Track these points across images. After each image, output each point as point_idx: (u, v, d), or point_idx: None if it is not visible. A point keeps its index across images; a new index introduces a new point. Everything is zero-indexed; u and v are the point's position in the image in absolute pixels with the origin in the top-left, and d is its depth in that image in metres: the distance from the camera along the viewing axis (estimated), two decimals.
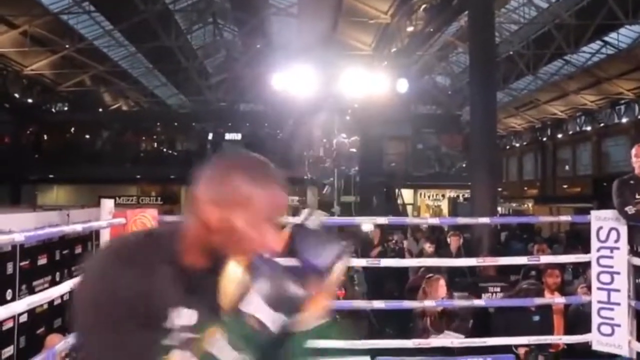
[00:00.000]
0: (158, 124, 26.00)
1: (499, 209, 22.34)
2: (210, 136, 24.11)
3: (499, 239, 12.95)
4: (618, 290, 4.43)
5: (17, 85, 21.67)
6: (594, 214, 4.63)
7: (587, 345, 4.61)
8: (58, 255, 6.04)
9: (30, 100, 22.90)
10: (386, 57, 18.22)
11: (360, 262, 5.88)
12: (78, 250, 6.47)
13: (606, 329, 4.48)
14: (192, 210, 1.27)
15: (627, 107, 24.76)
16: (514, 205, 28.37)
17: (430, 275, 5.42)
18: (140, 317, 1.17)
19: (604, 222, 4.52)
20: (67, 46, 20.04)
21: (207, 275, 1.29)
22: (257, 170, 1.30)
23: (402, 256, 8.69)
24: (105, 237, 4.28)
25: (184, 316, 1.23)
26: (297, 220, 1.33)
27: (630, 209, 4.28)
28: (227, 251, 1.28)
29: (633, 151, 4.54)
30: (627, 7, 15.85)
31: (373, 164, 18.01)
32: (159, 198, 24.53)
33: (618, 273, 4.42)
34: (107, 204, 4.26)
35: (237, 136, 24.25)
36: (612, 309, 4.45)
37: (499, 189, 23.33)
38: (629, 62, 20.36)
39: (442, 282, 5.22)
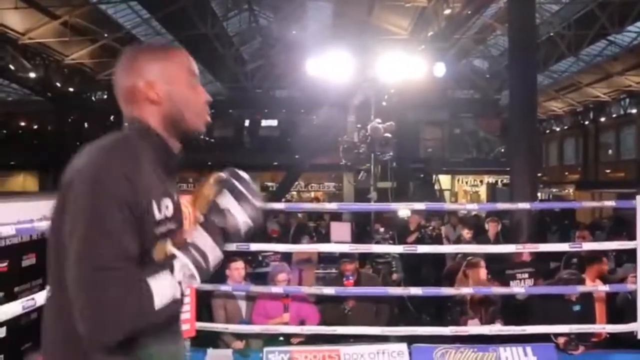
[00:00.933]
0: None
1: (539, 194, 22.00)
2: (246, 123, 24.25)
3: (541, 225, 12.73)
4: None
5: (59, 74, 22.11)
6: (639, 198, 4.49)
7: (632, 335, 4.49)
8: None
9: (71, 89, 23.36)
10: (423, 41, 17.98)
11: (397, 249, 5.85)
12: None
13: None
14: (134, 102, 1.56)
15: None
16: (554, 190, 27.83)
17: (471, 257, 5.36)
18: (132, 208, 1.37)
19: None
20: (105, 35, 20.36)
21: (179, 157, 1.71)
22: (157, 47, 1.71)
23: (440, 243, 8.61)
24: None
25: (165, 207, 1.54)
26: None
27: None
28: (184, 121, 1.64)
29: None
30: None
31: (410, 150, 17.90)
32: (197, 185, 24.89)
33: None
34: None
35: (274, 122, 24.36)
36: None
37: (539, 175, 22.95)
38: None
39: (482, 264, 5.16)
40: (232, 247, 5.10)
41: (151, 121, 1.58)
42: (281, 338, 4.78)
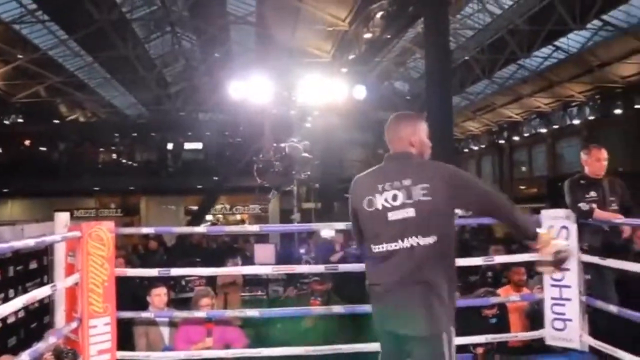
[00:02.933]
0: (116, 134, 25.61)
1: (458, 211, 22.67)
2: (170, 146, 23.85)
3: (462, 242, 13.14)
4: (569, 287, 4.57)
5: None
6: (545, 213, 4.76)
7: (542, 341, 4.74)
8: (12, 271, 5.88)
9: None
10: (345, 64, 18.38)
11: (318, 268, 5.92)
12: (33, 265, 6.31)
13: (559, 324, 4.61)
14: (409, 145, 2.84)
15: (578, 109, 25.50)
16: None
17: None
18: None
19: (554, 220, 4.65)
20: (20, 56, 19.59)
21: None
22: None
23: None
24: (59, 251, 4.22)
25: None
26: None
27: (584, 206, 4.42)
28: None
29: (583, 155, 4.70)
30: (575, 13, 16.39)
31: (334, 171, 18.10)
32: (119, 210, 24.15)
33: (568, 270, 4.56)
34: (62, 217, 4.19)
35: (198, 145, 24.07)
36: (563, 305, 4.59)
37: None
38: (578, 66, 21.06)
39: None
40: (154, 272, 5.02)
41: None
42: None
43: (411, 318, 2.64)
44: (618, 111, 22.62)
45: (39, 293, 3.87)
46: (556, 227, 4.63)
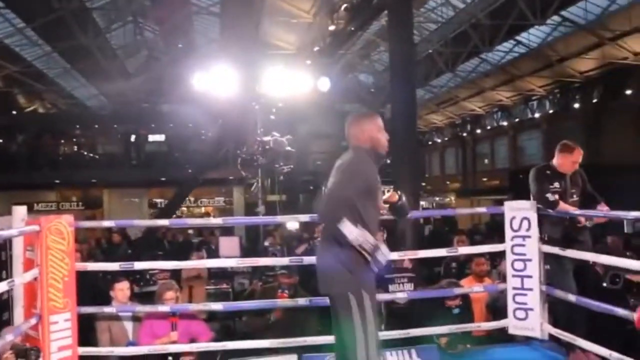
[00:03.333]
0: (77, 126, 25.06)
1: (423, 203, 22.95)
2: (132, 138, 23.47)
3: (423, 233, 13.30)
4: (530, 277, 4.67)
5: None
6: (507, 204, 4.85)
7: (504, 331, 4.84)
8: None
9: None
10: (309, 56, 18.34)
11: (283, 261, 5.92)
12: None
13: (521, 314, 4.72)
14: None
15: (539, 103, 26.03)
16: (437, 199, 29.20)
17: None
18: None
19: (516, 212, 4.74)
20: None
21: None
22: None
23: None
24: (17, 246, 4.11)
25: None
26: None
27: (550, 196, 4.49)
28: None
29: (562, 152, 4.64)
30: (536, 8, 16.68)
31: (299, 163, 18.05)
32: (81, 203, 23.69)
33: (530, 260, 4.66)
34: (19, 211, 4.09)
35: (161, 137, 23.75)
36: (525, 295, 4.69)
37: (423, 184, 23.95)
38: (539, 60, 21.46)
39: None
40: (115, 266, 4.94)
41: None
42: (170, 358, 4.67)
43: (322, 279, 3.24)
44: (576, 105, 23.14)
45: None
46: (518, 219, 4.73)
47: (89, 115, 26.99)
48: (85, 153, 23.92)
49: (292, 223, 8.61)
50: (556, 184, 4.55)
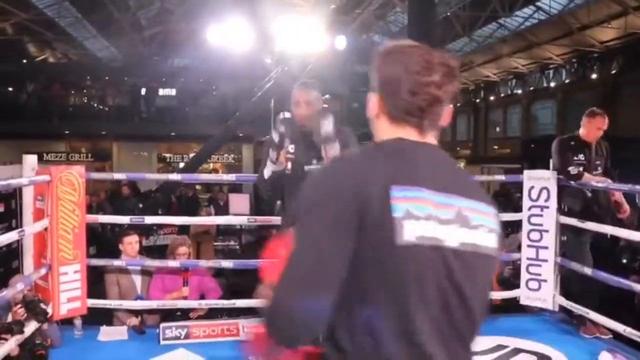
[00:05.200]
0: (88, 77, 24.88)
1: None
2: (143, 91, 23.29)
3: None
4: (546, 248, 4.61)
5: None
6: (527, 173, 4.75)
7: (516, 301, 4.80)
8: None
9: None
10: (325, 14, 17.97)
11: None
12: (0, 209, 6.16)
13: (534, 284, 4.67)
14: None
15: (555, 72, 25.55)
16: None
17: None
18: None
19: (535, 181, 4.65)
20: None
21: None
22: None
23: None
24: (27, 195, 4.07)
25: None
26: None
27: (573, 169, 4.38)
28: None
29: (585, 119, 4.49)
30: None
31: None
32: (90, 155, 23.70)
33: (547, 231, 4.59)
34: (29, 160, 4.03)
35: (171, 91, 23.56)
36: (539, 265, 4.64)
37: None
38: (558, 28, 20.95)
39: None
40: (126, 219, 4.90)
41: None
42: (178, 313, 4.67)
43: None
44: (594, 75, 22.71)
45: (6, 238, 3.75)
46: (537, 189, 4.63)
47: (99, 67, 26.73)
48: (95, 105, 23.79)
49: None
50: (580, 156, 4.44)
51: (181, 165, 22.03)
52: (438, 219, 1.23)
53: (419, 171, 1.28)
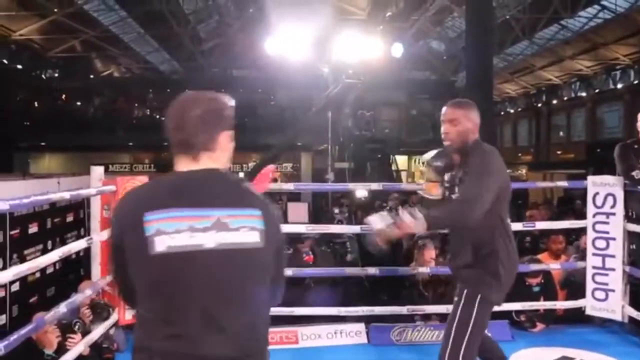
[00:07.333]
0: (150, 90, 25.66)
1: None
2: None
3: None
4: (613, 256, 4.42)
5: (5, 50, 21.26)
6: (591, 179, 4.58)
7: (581, 311, 4.61)
8: (49, 223, 5.96)
9: (19, 66, 22.51)
10: (381, 22, 17.95)
11: (354, 229, 5.85)
12: (70, 218, 6.40)
13: (600, 294, 4.48)
14: None
15: (622, 72, 24.62)
16: (508, 171, 28.39)
17: (418, 240, 5.37)
18: None
19: (600, 187, 4.47)
20: (55, 10, 19.64)
21: None
22: None
23: None
24: (95, 204, 4.22)
25: None
26: None
27: (637, 174, 4.20)
28: None
29: None
30: None
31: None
32: (153, 166, 24.39)
33: (614, 239, 4.40)
34: (97, 171, 4.18)
35: (231, 102, 24.00)
36: (606, 275, 4.45)
37: None
38: (626, 27, 20.17)
39: (430, 246, 5.16)
40: None
41: None
42: None
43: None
44: None
45: (75, 246, 3.89)
46: (602, 195, 4.46)
47: (161, 80, 27.55)
48: (158, 117, 24.50)
49: (361, 191, 8.52)
50: None
51: (241, 175, 22.34)
52: (194, 229, 1.57)
53: (172, 195, 1.66)
